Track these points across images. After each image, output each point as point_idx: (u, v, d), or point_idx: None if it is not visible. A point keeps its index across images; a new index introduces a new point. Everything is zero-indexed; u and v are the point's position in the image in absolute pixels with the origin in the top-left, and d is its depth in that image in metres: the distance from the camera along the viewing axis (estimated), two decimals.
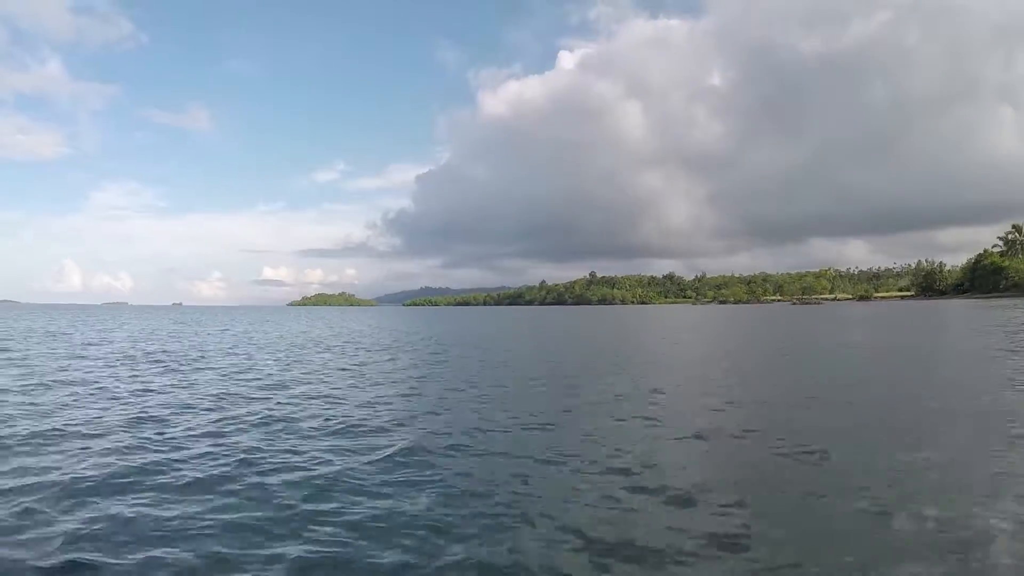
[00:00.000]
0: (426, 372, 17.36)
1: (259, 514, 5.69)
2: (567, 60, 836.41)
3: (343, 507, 5.84)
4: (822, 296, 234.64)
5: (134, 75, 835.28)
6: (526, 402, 11.71)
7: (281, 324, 61.17)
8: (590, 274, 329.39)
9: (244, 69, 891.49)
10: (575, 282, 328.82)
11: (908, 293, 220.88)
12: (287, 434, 9.05)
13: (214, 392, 13.19)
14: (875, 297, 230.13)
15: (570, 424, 9.61)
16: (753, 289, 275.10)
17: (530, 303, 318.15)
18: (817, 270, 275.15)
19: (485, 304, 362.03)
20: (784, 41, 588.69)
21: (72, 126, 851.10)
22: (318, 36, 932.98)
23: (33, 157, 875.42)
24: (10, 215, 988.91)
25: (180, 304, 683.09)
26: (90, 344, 28.30)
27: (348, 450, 8.05)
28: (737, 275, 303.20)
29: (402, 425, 9.61)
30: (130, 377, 15.81)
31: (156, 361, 20.52)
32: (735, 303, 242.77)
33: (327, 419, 9.99)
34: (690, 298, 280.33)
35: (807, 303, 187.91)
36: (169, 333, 40.08)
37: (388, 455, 7.70)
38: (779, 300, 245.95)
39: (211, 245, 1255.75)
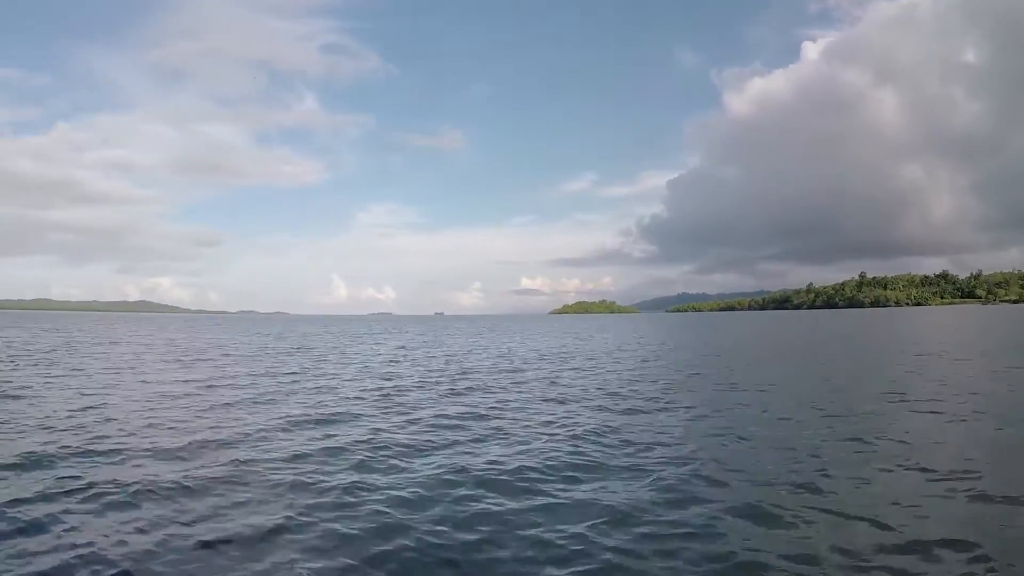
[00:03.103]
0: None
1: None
2: (811, 51, 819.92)
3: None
4: None
5: (386, 104, 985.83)
6: None
7: (639, 334, 56.67)
8: (860, 275, 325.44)
9: (490, 89, 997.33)
10: (844, 284, 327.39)
11: None
12: None
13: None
14: None
15: None
16: None
17: (798, 307, 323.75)
18: None
19: (750, 309, 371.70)
20: None
21: (333, 155, 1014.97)
22: (558, 52, 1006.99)
23: (299, 184, 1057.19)
24: (281, 237, 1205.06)
25: (442, 313, 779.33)
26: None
27: None
28: (1017, 271, 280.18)
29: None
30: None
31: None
32: None
33: None
34: (979, 298, 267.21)
35: None
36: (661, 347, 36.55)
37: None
38: None
39: (469, 257, 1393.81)
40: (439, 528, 6.13)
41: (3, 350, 30.67)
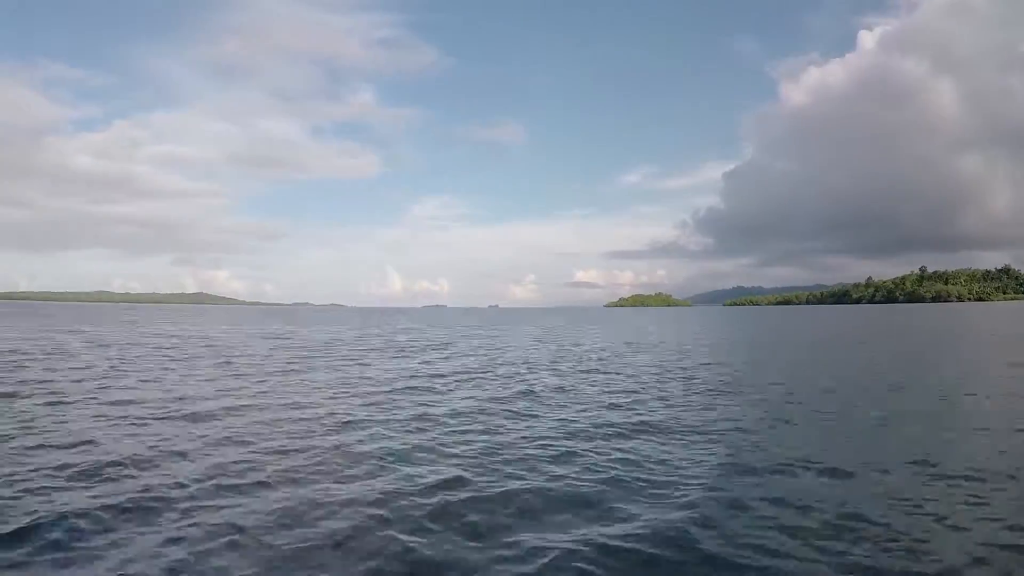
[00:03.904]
0: None
1: None
2: (868, 40, 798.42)
3: None
4: None
5: (443, 97, 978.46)
6: None
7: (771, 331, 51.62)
8: (920, 269, 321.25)
9: (547, 81, 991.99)
10: (904, 278, 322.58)
11: None
12: None
13: None
14: None
15: None
16: None
17: (857, 301, 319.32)
18: None
19: (808, 303, 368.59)
20: None
21: (389, 147, 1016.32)
22: (614, 43, 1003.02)
23: (356, 177, 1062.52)
24: (335, 230, 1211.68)
25: (496, 306, 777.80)
26: None
27: None
28: None
29: None
30: None
31: None
32: None
33: None
34: None
35: None
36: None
37: None
38: None
39: (524, 250, 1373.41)
40: None
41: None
